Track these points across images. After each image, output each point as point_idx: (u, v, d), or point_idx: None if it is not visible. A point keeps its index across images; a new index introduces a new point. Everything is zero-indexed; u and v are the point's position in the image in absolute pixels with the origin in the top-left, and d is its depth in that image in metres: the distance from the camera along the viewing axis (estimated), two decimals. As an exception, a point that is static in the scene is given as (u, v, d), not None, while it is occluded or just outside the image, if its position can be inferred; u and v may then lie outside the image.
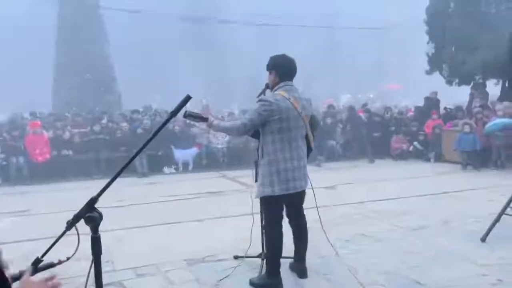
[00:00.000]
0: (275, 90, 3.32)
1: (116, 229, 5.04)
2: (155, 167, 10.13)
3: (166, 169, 10.26)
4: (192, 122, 10.07)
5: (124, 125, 11.11)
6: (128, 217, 5.85)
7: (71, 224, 1.57)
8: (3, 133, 10.05)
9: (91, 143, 10.09)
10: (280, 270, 3.39)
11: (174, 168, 10.36)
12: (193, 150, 10.62)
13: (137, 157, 9.67)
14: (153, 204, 6.88)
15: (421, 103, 14.37)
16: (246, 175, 8.37)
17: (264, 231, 3.48)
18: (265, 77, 3.52)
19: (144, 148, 1.83)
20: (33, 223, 5.82)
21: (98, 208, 1.62)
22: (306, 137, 3.44)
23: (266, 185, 3.23)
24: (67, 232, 1.61)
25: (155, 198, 7.29)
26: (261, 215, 3.72)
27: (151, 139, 1.77)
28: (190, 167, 10.54)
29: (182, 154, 10.48)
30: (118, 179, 1.66)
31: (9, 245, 4.78)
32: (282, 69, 3.33)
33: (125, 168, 1.64)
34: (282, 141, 3.21)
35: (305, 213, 3.58)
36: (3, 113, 16.55)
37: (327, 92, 28.19)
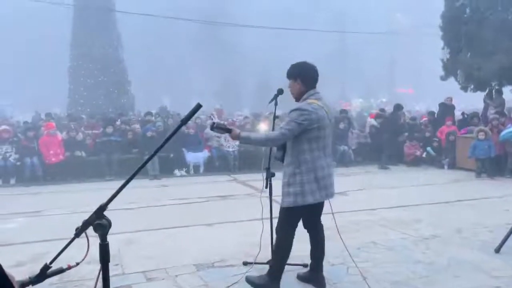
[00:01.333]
0: (306, 99, 3.27)
1: (127, 231, 5.07)
2: (167, 169, 10.19)
3: (177, 172, 10.31)
4: (217, 135, 10.13)
5: (137, 127, 11.20)
6: (139, 220, 5.89)
7: (80, 231, 1.58)
8: (17, 134, 10.20)
9: (104, 145, 10.18)
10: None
11: (185, 171, 10.41)
12: (204, 153, 10.66)
13: (149, 160, 9.77)
14: (164, 207, 6.91)
15: (434, 107, 14.21)
16: (257, 179, 8.38)
17: (277, 236, 3.44)
18: (274, 81, 3.51)
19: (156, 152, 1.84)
20: (45, 224, 5.88)
21: (109, 210, 1.62)
22: None
23: (307, 193, 3.20)
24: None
25: (166, 201, 7.33)
26: (271, 220, 3.72)
27: (161, 146, 1.77)
28: (201, 170, 10.58)
29: (193, 157, 10.52)
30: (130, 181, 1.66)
31: (20, 246, 4.85)
32: (310, 77, 3.31)
33: (133, 177, 1.64)
34: (319, 149, 3.24)
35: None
36: (22, 114, 16.88)
37: (338, 97, 28.14)
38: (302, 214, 3.34)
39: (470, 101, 20.40)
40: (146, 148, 9.92)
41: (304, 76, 3.30)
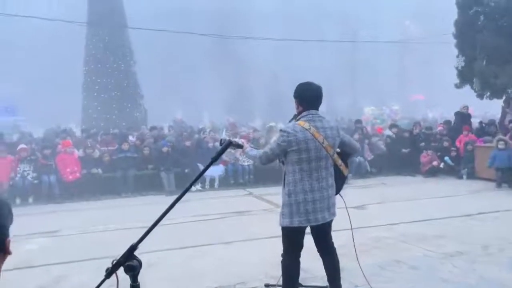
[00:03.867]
0: (297, 120, 3.26)
1: (146, 251, 5.02)
2: (182, 184, 10.16)
3: (192, 187, 10.26)
4: (232, 151, 10.15)
5: (151, 141, 11.23)
6: (158, 239, 5.80)
7: (110, 272, 1.55)
8: (35, 152, 10.28)
9: (120, 161, 10.19)
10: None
11: (200, 186, 10.38)
12: (220, 167, 10.62)
13: (164, 175, 9.79)
14: (182, 224, 6.85)
15: (447, 115, 14.00)
16: (273, 193, 8.33)
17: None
18: (284, 93, 3.49)
19: (172, 166, 1.82)
20: (63, 245, 5.86)
21: (128, 228, 1.59)
22: (336, 166, 3.36)
23: (286, 216, 3.19)
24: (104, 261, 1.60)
25: (183, 218, 7.27)
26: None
27: (205, 169, 1.75)
28: (216, 184, 10.54)
29: (210, 171, 10.48)
30: (145, 197, 1.65)
31: (39, 269, 4.83)
32: (305, 98, 3.27)
33: (165, 215, 1.62)
34: (302, 172, 3.15)
35: (338, 234, 3.48)
36: (37, 129, 17.06)
37: (350, 105, 28.01)
38: (294, 236, 3.25)
39: (484, 109, 20.10)
40: (162, 163, 9.94)
41: (300, 98, 3.28)
